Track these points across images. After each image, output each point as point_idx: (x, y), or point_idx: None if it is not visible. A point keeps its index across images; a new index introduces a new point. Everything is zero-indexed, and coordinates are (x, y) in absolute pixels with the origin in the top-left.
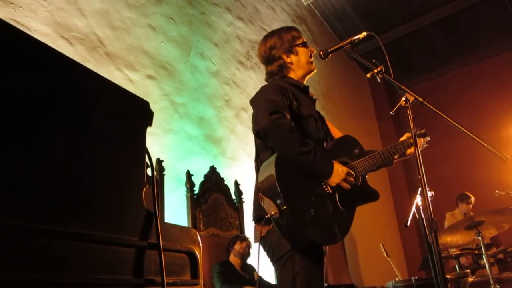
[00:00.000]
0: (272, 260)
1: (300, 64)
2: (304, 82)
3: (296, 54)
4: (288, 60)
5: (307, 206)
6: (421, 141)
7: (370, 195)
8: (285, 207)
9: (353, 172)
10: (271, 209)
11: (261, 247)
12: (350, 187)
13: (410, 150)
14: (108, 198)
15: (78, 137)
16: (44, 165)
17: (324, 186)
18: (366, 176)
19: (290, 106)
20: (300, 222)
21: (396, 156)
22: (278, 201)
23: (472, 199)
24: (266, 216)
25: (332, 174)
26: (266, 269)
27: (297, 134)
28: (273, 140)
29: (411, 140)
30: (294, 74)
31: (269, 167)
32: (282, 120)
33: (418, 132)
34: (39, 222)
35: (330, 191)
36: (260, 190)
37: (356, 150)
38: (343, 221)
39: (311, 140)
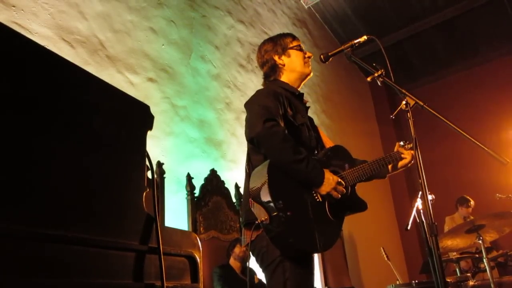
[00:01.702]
0: (261, 266)
1: (292, 66)
2: (301, 87)
3: (288, 56)
4: (280, 61)
5: (297, 213)
6: (411, 154)
7: (358, 205)
8: (275, 213)
9: (343, 182)
10: (261, 215)
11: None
12: (340, 196)
13: (401, 163)
14: (108, 202)
15: (78, 141)
16: (44, 170)
17: (315, 195)
18: (356, 186)
19: (284, 114)
20: (289, 229)
21: (390, 169)
22: (268, 208)
23: (472, 202)
24: (256, 222)
25: (323, 183)
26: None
27: (290, 142)
28: (266, 148)
29: (401, 155)
30: (287, 77)
31: (261, 174)
32: (276, 128)
33: (407, 146)
34: (38, 226)
35: (320, 200)
36: (251, 196)
37: (346, 163)
38: (332, 230)
39: (303, 148)
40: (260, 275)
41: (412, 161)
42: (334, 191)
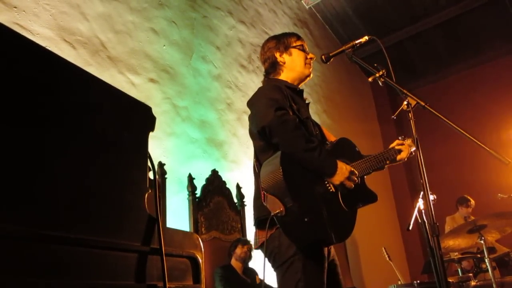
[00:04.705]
0: (273, 266)
1: (293, 65)
2: (301, 87)
3: (290, 54)
4: (281, 59)
5: (313, 204)
6: (410, 149)
7: (369, 197)
8: (291, 204)
9: (356, 172)
10: (275, 207)
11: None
12: (353, 186)
13: (400, 156)
14: (111, 203)
15: (80, 143)
16: (46, 171)
17: (327, 185)
18: (365, 177)
19: (289, 107)
20: (307, 219)
21: (387, 161)
22: (284, 198)
23: (472, 202)
24: (272, 214)
25: (336, 172)
26: (269, 273)
27: (303, 131)
28: (279, 136)
29: (400, 147)
30: (286, 76)
31: (273, 164)
32: (287, 116)
33: (406, 141)
34: (40, 228)
35: (333, 190)
36: (264, 188)
37: (353, 155)
38: (347, 220)
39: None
40: (267, 276)
41: (408, 155)
42: (347, 181)
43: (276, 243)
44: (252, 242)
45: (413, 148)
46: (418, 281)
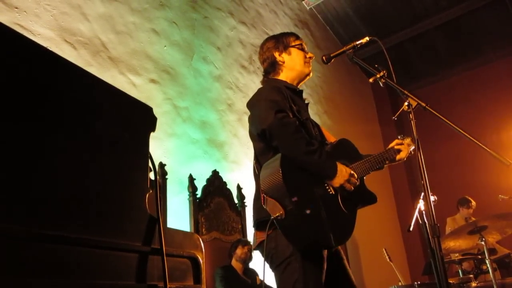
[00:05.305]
0: (271, 267)
1: (292, 64)
2: (301, 86)
3: (289, 54)
4: (280, 58)
5: (313, 206)
6: (409, 149)
7: (369, 198)
8: (291, 207)
9: (356, 174)
10: (275, 210)
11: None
12: (353, 188)
13: (399, 156)
14: (111, 204)
15: (82, 143)
16: (47, 171)
17: (327, 187)
18: (364, 178)
19: (290, 108)
20: (307, 223)
21: (387, 162)
22: (284, 201)
23: (473, 203)
24: (272, 217)
25: (336, 175)
26: (270, 273)
27: (303, 133)
28: (279, 139)
29: (400, 147)
30: (286, 75)
31: (273, 167)
32: (288, 119)
33: (405, 140)
34: (42, 227)
35: (333, 192)
36: (263, 191)
37: (353, 156)
38: (347, 222)
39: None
40: (267, 276)
41: (408, 155)
42: (347, 183)
43: (273, 244)
44: (252, 243)
45: (413, 147)
46: (419, 282)
